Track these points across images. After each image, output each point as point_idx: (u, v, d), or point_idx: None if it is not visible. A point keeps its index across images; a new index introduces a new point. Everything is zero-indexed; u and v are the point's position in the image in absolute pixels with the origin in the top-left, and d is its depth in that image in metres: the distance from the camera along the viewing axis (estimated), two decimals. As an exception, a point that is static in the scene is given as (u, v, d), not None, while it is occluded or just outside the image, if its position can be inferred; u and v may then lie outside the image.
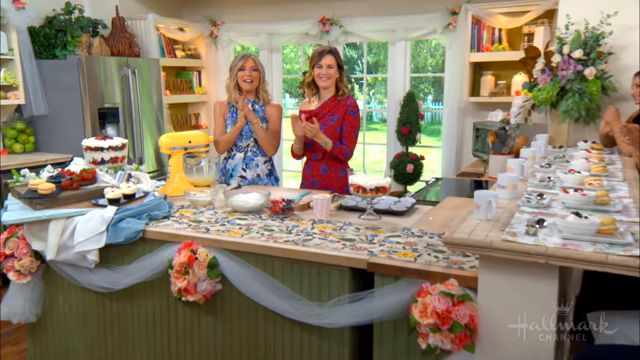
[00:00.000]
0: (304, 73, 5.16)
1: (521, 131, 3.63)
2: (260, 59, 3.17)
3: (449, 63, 4.87)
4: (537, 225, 1.53)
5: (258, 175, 3.13)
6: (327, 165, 3.01)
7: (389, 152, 5.35)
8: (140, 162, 4.70)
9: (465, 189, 3.55)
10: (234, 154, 3.15)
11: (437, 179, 3.83)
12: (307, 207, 2.52)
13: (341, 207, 2.49)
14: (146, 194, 2.66)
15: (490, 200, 1.63)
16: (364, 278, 1.83)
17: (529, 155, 2.54)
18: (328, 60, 2.92)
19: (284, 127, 3.30)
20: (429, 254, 1.82)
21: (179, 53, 5.64)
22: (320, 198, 2.34)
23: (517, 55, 4.26)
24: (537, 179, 2.15)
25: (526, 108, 3.61)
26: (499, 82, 4.77)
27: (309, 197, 2.63)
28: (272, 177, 3.20)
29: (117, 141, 2.84)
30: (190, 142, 2.87)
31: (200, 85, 5.94)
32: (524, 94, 3.67)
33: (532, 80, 3.44)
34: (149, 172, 4.54)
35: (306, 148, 3.07)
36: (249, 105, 3.12)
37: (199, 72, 5.94)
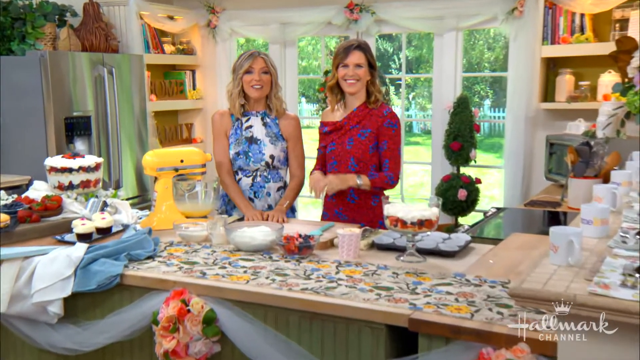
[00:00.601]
0: (326, 73, 5.21)
1: (611, 147, 3.59)
2: (271, 57, 3.18)
3: (514, 59, 4.87)
4: (638, 275, 1.51)
5: (270, 206, 3.15)
6: (355, 192, 3.02)
7: (435, 173, 5.34)
8: (118, 187, 4.76)
9: (537, 223, 3.51)
10: (240, 179, 3.18)
11: (499, 210, 3.81)
12: (331, 245, 2.53)
13: (374, 246, 2.49)
14: (125, 227, 2.69)
15: (571, 239, 1.62)
16: (404, 339, 1.82)
17: (622, 180, 2.50)
18: (356, 57, 2.95)
19: (306, 144, 3.34)
20: (490, 309, 1.80)
21: (167, 48, 5.75)
22: (347, 234, 2.35)
23: (606, 48, 4.24)
24: (634, 212, 2.13)
25: (618, 117, 3.58)
26: (581, 83, 4.75)
27: (333, 232, 2.63)
28: (288, 206, 3.22)
29: (90, 160, 2.89)
30: (182, 161, 2.90)
31: (194, 88, 6.03)
32: (615, 98, 3.64)
33: (626, 80, 3.43)
34: (128, 199, 4.60)
35: (329, 170, 3.09)
36: (258, 118, 3.15)
37: (193, 72, 6.04)
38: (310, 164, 3.28)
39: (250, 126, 3.15)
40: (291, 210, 3.25)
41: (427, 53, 14.93)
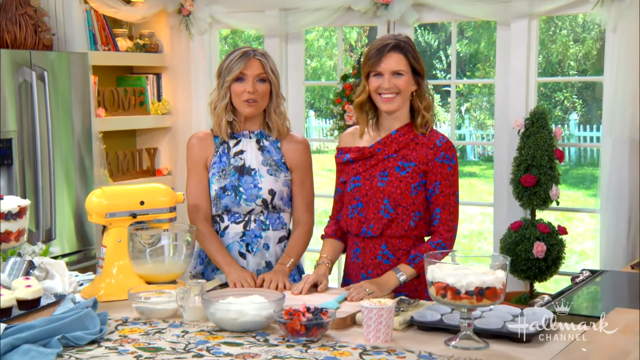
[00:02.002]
0: (344, 77, 5.25)
1: None
2: (270, 55, 3.18)
3: (612, 56, 4.86)
4: None
5: (269, 265, 3.15)
6: (389, 248, 3.01)
7: (499, 218, 5.34)
8: (50, 240, 4.75)
9: (651, 293, 3.49)
10: (226, 227, 3.18)
11: (593, 273, 3.78)
12: (352, 322, 2.52)
13: (413, 324, 2.48)
14: (60, 298, 2.69)
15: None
16: None
17: None
18: (393, 62, 2.94)
19: (317, 175, 3.32)
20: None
21: (122, 43, 5.79)
22: (375, 307, 2.34)
23: None
24: None
25: None
26: None
27: (355, 304, 2.63)
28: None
29: (10, 203, 2.89)
30: (142, 203, 2.91)
31: (159, 99, 6.05)
32: None
33: None
34: (64, 257, 4.58)
35: (350, 216, 3.06)
36: (252, 141, 3.18)
37: (158, 77, 6.07)
38: (323, 204, 3.26)
39: (241, 151, 3.17)
40: (297, 271, 3.25)
41: (487, 49, 15.00)
